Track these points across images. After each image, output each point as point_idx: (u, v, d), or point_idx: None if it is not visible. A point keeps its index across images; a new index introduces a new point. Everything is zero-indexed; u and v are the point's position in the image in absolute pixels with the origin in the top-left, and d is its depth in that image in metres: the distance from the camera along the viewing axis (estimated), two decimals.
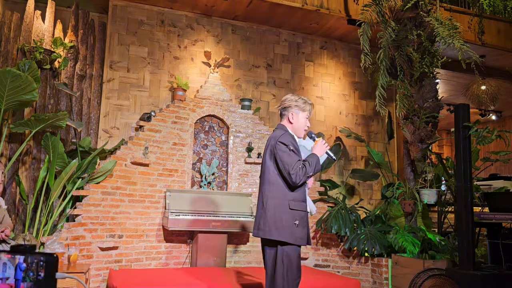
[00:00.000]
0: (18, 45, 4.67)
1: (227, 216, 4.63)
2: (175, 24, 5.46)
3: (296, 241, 2.55)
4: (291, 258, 2.55)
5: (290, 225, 2.54)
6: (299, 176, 2.51)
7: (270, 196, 2.61)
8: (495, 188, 5.84)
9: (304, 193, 2.67)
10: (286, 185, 2.59)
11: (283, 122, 2.78)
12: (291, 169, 2.51)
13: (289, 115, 2.73)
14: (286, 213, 2.55)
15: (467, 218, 3.62)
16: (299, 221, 2.56)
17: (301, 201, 2.62)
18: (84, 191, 4.29)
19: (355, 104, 6.36)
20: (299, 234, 2.56)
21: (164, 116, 4.93)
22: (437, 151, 10.36)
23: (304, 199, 2.66)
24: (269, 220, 2.56)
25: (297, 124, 2.73)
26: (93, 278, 4.14)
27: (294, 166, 2.52)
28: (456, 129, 3.83)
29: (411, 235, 4.50)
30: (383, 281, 4.61)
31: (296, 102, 2.72)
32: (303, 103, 2.73)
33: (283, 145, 2.58)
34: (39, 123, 4.08)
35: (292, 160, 2.54)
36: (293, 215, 2.56)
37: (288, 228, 2.53)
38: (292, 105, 2.72)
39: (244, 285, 3.69)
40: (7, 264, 1.36)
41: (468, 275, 3.48)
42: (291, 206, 2.57)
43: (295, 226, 2.54)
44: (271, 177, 2.63)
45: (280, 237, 2.53)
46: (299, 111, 2.72)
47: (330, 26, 5.88)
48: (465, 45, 4.39)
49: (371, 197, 6.18)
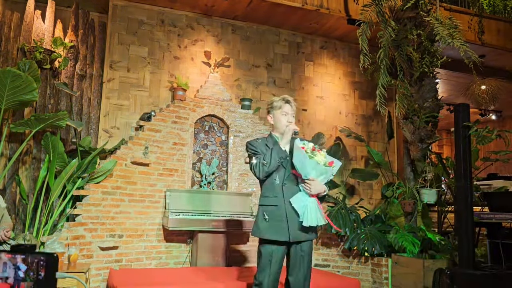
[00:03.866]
0: (18, 45, 4.67)
1: (227, 216, 4.63)
2: (175, 24, 5.46)
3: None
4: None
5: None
6: (254, 169, 2.70)
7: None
8: (495, 188, 5.85)
9: (272, 188, 2.72)
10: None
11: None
12: (251, 166, 2.74)
13: (268, 118, 2.87)
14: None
15: (467, 218, 3.62)
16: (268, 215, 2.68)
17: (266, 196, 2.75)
18: (84, 191, 4.29)
19: (355, 104, 6.37)
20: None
21: (164, 116, 4.93)
22: (437, 150, 10.36)
23: (274, 194, 2.71)
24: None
25: (277, 123, 2.83)
26: (93, 278, 4.15)
27: (253, 161, 2.73)
28: (456, 129, 3.83)
29: (411, 235, 4.50)
30: (383, 281, 4.61)
31: (270, 104, 2.86)
32: (276, 101, 2.83)
33: (247, 152, 2.86)
34: (39, 123, 4.08)
35: (251, 159, 2.76)
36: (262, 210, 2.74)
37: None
38: (268, 108, 2.88)
39: (244, 285, 3.70)
40: (7, 263, 1.36)
41: (468, 274, 3.48)
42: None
43: (265, 221, 2.69)
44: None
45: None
46: (274, 110, 2.83)
47: (330, 26, 5.88)
48: (465, 45, 4.39)
49: (371, 197, 6.18)
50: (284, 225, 2.64)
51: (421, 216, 4.89)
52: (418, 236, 4.51)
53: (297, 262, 2.70)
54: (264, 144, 2.78)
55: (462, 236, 3.62)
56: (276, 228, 2.65)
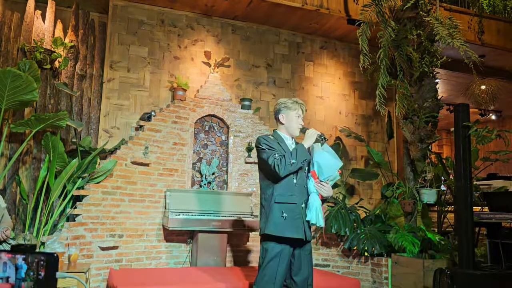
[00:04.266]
0: (19, 45, 4.67)
1: (227, 216, 4.64)
2: (175, 24, 5.47)
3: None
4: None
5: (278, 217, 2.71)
6: (278, 166, 2.64)
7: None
8: (495, 188, 5.85)
9: (291, 186, 2.74)
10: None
11: (277, 126, 2.95)
12: (270, 161, 2.66)
13: (280, 117, 2.89)
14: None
15: (467, 218, 3.63)
16: (287, 213, 2.68)
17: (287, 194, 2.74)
18: (84, 191, 4.29)
19: (355, 104, 6.37)
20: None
21: (164, 116, 4.93)
22: (437, 150, 10.36)
23: (292, 193, 2.73)
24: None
25: (289, 123, 2.87)
26: (93, 278, 4.15)
27: (270, 157, 2.67)
28: (456, 128, 3.83)
29: (411, 235, 4.50)
30: (383, 281, 4.61)
31: (284, 104, 2.88)
32: (291, 103, 2.87)
33: (257, 147, 2.80)
34: (39, 123, 4.08)
35: (267, 155, 2.70)
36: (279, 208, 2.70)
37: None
38: (281, 108, 2.89)
39: (244, 285, 3.70)
40: (7, 263, 1.37)
41: (467, 274, 3.48)
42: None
43: (282, 219, 2.67)
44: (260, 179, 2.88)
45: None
46: (288, 111, 2.87)
47: (330, 26, 5.88)
48: (465, 45, 4.39)
49: (371, 197, 6.19)
50: (300, 223, 2.70)
51: (421, 216, 4.89)
52: (418, 236, 4.51)
53: (302, 262, 2.75)
54: (276, 142, 2.81)
55: (462, 236, 3.62)
56: (294, 226, 2.68)
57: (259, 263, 2.76)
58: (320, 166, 2.77)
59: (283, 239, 2.67)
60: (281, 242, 2.68)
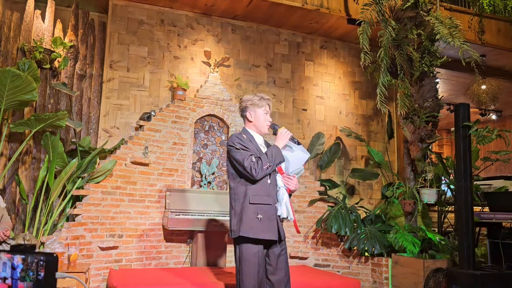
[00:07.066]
0: (18, 44, 4.66)
1: (227, 216, 4.63)
2: (175, 24, 5.46)
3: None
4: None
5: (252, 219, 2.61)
6: (255, 170, 2.57)
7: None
8: (495, 188, 5.84)
9: (265, 187, 2.68)
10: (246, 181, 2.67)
11: (245, 124, 2.86)
12: (244, 164, 2.58)
13: (247, 114, 2.81)
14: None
15: (467, 218, 3.62)
16: (262, 215, 2.61)
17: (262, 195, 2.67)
18: (84, 191, 4.29)
19: (355, 104, 6.36)
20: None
21: (164, 116, 4.93)
22: (437, 150, 10.36)
23: (267, 193, 2.67)
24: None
25: (257, 121, 2.80)
26: (93, 278, 4.14)
27: (246, 160, 2.59)
28: (456, 128, 3.83)
29: (411, 235, 4.50)
30: (383, 281, 4.61)
31: (251, 101, 2.80)
32: (258, 99, 2.80)
33: (230, 146, 2.69)
34: (39, 122, 4.07)
35: (242, 156, 2.61)
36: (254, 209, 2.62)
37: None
38: (248, 105, 2.81)
39: None
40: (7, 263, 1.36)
41: (468, 274, 3.48)
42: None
43: (257, 220, 2.60)
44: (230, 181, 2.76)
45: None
46: (255, 108, 2.79)
47: (330, 26, 5.88)
48: (465, 44, 4.39)
49: (371, 197, 6.18)
50: (275, 224, 2.66)
51: (421, 216, 4.89)
52: (418, 236, 4.51)
53: (279, 261, 2.70)
54: (249, 140, 2.74)
55: (462, 236, 3.62)
56: (270, 227, 2.63)
57: (236, 267, 2.67)
58: (287, 160, 2.73)
59: (258, 240, 2.61)
60: (256, 243, 2.61)
